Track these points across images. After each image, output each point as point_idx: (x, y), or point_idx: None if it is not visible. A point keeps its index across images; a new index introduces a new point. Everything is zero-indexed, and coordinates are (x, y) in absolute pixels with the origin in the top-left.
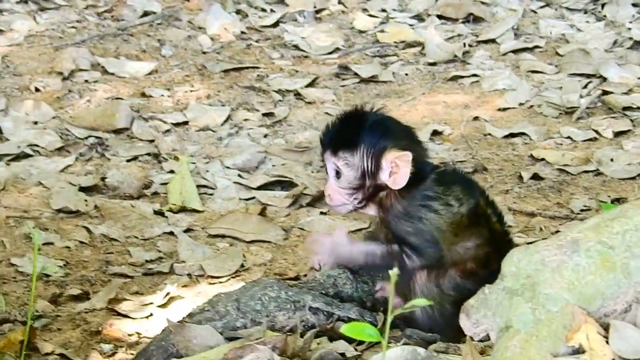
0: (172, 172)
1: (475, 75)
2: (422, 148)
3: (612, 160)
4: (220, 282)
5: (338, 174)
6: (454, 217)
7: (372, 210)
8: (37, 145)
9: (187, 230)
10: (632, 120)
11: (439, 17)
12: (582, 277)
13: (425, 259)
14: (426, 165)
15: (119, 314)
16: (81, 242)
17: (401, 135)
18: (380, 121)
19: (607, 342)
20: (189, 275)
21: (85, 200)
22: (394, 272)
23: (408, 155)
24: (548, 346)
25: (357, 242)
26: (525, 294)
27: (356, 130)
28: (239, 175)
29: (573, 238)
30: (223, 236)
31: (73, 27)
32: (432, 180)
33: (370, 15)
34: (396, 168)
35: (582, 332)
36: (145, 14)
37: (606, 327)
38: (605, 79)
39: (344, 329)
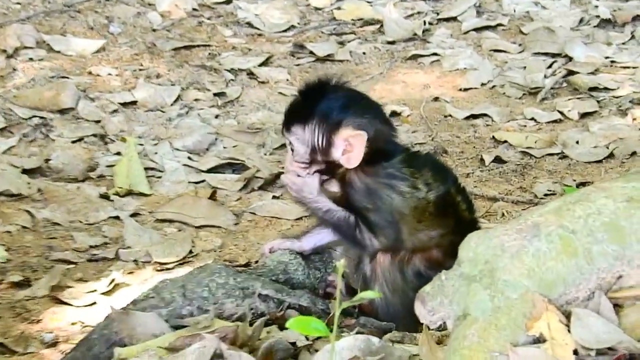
0: (118, 154)
1: (435, 54)
2: (388, 126)
3: (577, 142)
4: (168, 269)
5: (292, 149)
6: (419, 202)
7: (334, 186)
8: None
9: (134, 215)
10: (598, 101)
11: None
12: (542, 262)
13: (379, 239)
14: (394, 145)
15: (62, 302)
16: (23, 227)
17: (360, 112)
18: (340, 96)
19: (569, 330)
20: (135, 261)
21: (28, 183)
22: (340, 264)
23: (362, 135)
24: (507, 335)
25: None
26: (484, 281)
27: (310, 104)
28: (189, 158)
29: (533, 222)
30: (171, 221)
31: (18, 3)
32: (400, 160)
33: None
34: (349, 147)
35: (543, 320)
36: None
37: (568, 315)
38: (570, 59)
39: (289, 324)
